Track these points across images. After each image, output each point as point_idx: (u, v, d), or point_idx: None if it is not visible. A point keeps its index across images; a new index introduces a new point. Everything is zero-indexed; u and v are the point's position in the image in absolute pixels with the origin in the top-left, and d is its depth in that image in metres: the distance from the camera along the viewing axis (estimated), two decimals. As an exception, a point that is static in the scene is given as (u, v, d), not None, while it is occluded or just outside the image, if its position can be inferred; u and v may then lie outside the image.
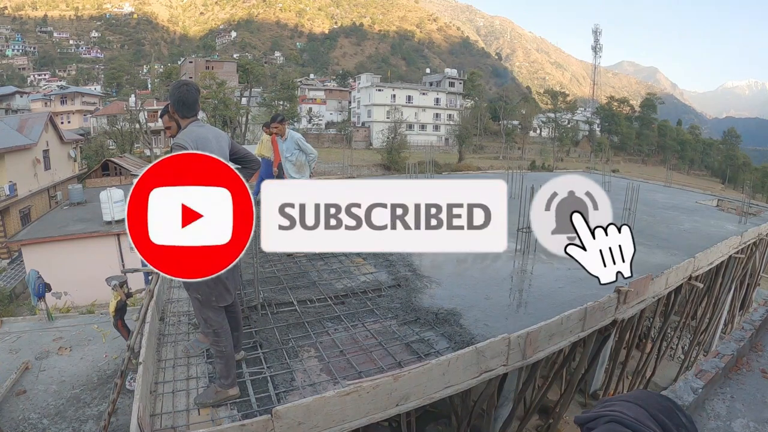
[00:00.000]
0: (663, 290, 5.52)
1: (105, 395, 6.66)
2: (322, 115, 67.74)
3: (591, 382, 7.45)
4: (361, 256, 6.07)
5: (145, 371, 2.95)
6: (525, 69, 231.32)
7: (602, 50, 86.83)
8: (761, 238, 9.16)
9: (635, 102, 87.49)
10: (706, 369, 3.44)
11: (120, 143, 37.96)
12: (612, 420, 0.95)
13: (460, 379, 3.26)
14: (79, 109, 53.17)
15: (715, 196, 13.69)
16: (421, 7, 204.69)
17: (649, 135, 74.32)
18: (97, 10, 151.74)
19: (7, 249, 18.52)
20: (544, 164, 51.97)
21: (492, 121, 66.92)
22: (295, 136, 5.50)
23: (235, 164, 3.09)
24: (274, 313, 4.32)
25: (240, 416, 2.85)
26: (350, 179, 14.16)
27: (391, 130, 46.67)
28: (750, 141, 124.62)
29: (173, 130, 3.15)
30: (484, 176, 16.95)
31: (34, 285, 11.18)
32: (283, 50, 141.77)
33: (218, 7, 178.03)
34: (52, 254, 14.58)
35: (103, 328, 8.93)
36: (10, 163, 19.89)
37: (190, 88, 2.87)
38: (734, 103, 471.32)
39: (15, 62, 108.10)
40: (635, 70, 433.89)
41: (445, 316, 4.26)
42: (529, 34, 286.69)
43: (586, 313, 4.11)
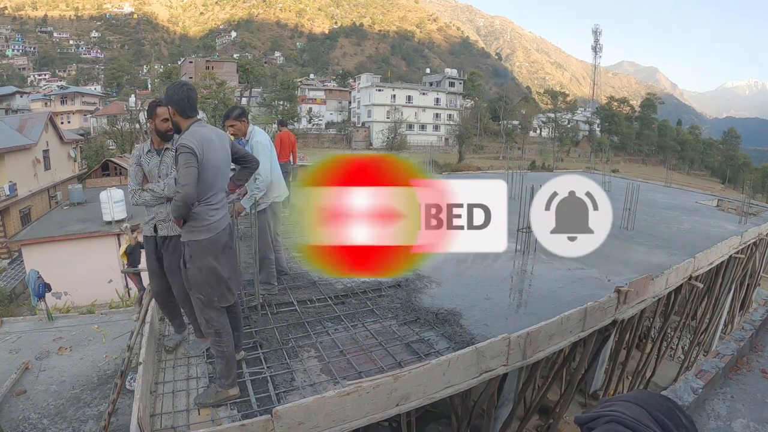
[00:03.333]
0: (663, 290, 5.52)
1: (105, 395, 6.66)
2: (322, 115, 67.75)
3: (591, 382, 7.45)
4: (361, 256, 6.07)
5: (145, 371, 2.95)
6: (525, 69, 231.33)
7: (602, 50, 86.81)
8: (761, 238, 9.16)
9: (635, 102, 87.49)
10: (706, 369, 3.44)
11: (120, 143, 37.97)
12: (612, 420, 0.95)
13: (460, 379, 3.26)
14: (79, 109, 53.19)
15: (715, 196, 13.69)
16: (421, 7, 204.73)
17: (649, 135, 74.33)
18: (97, 10, 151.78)
19: (7, 249, 18.51)
20: (544, 164, 51.97)
21: (492, 121, 66.91)
22: (259, 140, 4.17)
23: (236, 164, 3.10)
24: (274, 313, 4.32)
25: (240, 416, 2.85)
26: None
27: (391, 130, 46.72)
28: (750, 141, 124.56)
29: (168, 131, 3.16)
30: (485, 176, 16.95)
31: (34, 285, 11.18)
32: (283, 50, 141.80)
33: (218, 7, 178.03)
34: (52, 254, 14.57)
35: (103, 328, 8.93)
36: (10, 163, 19.89)
37: (192, 88, 2.88)
38: (734, 103, 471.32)
39: (15, 62, 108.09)
40: (635, 70, 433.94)
41: (445, 316, 4.26)
42: (529, 34, 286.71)
43: (586, 313, 4.11)
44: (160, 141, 3.27)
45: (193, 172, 2.57)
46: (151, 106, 3.22)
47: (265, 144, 4.20)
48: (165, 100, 2.82)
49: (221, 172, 2.81)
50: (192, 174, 2.56)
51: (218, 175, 2.77)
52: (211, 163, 2.69)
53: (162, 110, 3.14)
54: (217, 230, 2.79)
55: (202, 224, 2.74)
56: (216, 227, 2.78)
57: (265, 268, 4.59)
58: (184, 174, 2.56)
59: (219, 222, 2.81)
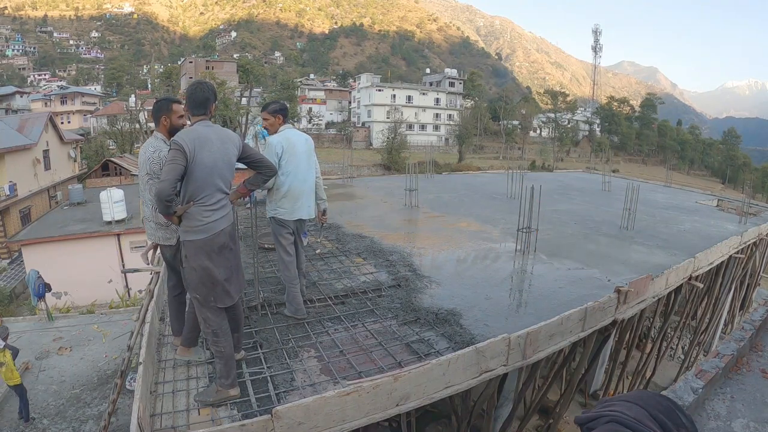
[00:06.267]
0: (663, 290, 5.52)
1: (105, 395, 6.67)
2: (322, 115, 67.79)
3: (591, 382, 7.45)
4: (361, 256, 6.07)
5: (145, 371, 2.95)
6: (525, 69, 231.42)
7: (602, 50, 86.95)
8: (761, 238, 9.16)
9: (635, 102, 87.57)
10: (706, 369, 3.44)
11: (120, 143, 38.00)
12: (612, 420, 0.95)
13: (460, 379, 3.26)
14: (79, 109, 53.24)
15: (715, 196, 13.68)
16: (421, 7, 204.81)
17: (649, 135, 74.39)
18: (97, 10, 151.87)
19: (7, 249, 18.52)
20: (544, 164, 52.00)
21: (492, 121, 66.96)
22: (270, 140, 3.99)
23: (248, 168, 3.08)
24: (274, 313, 4.32)
25: (240, 416, 2.85)
26: (350, 179, 14.07)
27: (391, 130, 46.69)
28: (750, 141, 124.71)
29: (183, 127, 3.20)
30: (484, 176, 16.94)
31: (34, 285, 11.18)
32: (283, 50, 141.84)
33: (218, 7, 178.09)
34: (52, 254, 14.57)
35: (103, 328, 8.94)
36: (10, 163, 19.90)
37: (199, 87, 2.90)
38: (734, 103, 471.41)
39: (15, 62, 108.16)
40: (635, 70, 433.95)
41: (445, 316, 4.25)
42: (529, 34, 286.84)
43: (586, 313, 4.11)
44: (170, 138, 3.29)
45: (174, 168, 2.58)
46: (166, 102, 3.23)
47: (273, 145, 3.88)
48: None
49: (217, 172, 2.76)
50: (173, 170, 2.57)
51: (213, 175, 2.74)
52: (203, 162, 2.68)
53: (177, 107, 3.19)
54: (212, 231, 2.76)
55: (196, 225, 2.73)
56: (211, 228, 2.76)
57: (287, 294, 4.16)
58: (166, 170, 2.60)
59: (215, 223, 2.78)
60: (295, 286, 4.11)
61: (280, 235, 4.02)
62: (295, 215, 3.99)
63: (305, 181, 4.02)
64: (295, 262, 4.14)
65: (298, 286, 4.18)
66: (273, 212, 4.00)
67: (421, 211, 9.22)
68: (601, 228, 8.22)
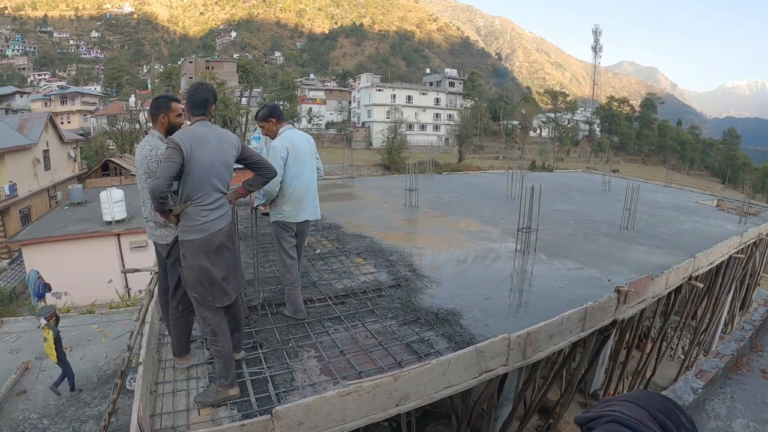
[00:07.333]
0: (663, 290, 5.52)
1: (105, 395, 6.67)
2: (322, 115, 67.80)
3: (591, 382, 7.45)
4: (361, 256, 6.07)
5: (145, 371, 2.95)
6: (525, 69, 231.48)
7: (602, 50, 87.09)
8: (761, 238, 9.16)
9: (635, 102, 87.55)
10: (706, 369, 3.44)
11: (120, 143, 38.00)
12: (612, 420, 0.95)
13: (460, 379, 3.26)
14: (79, 109, 53.23)
15: (715, 196, 13.68)
16: (421, 7, 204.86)
17: (649, 135, 74.39)
18: (97, 10, 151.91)
19: (7, 249, 18.51)
20: (544, 164, 51.99)
21: (492, 121, 67.01)
22: (273, 144, 3.87)
23: (248, 169, 3.08)
24: (274, 313, 4.32)
25: (240, 416, 2.85)
26: (350, 179, 14.05)
27: (391, 130, 46.69)
28: (750, 141, 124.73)
29: (180, 126, 3.19)
30: (484, 176, 16.94)
31: (34, 285, 11.19)
32: (283, 50, 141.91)
33: (218, 7, 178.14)
34: (52, 254, 14.57)
35: (103, 328, 8.94)
36: (10, 163, 19.90)
37: (199, 87, 2.92)
38: (734, 103, 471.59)
39: (15, 62, 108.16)
40: (635, 70, 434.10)
41: (445, 316, 4.25)
42: (529, 34, 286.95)
43: (586, 313, 4.11)
44: (168, 136, 3.28)
45: (170, 166, 2.60)
46: (165, 100, 3.18)
47: (278, 149, 3.75)
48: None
49: (214, 172, 2.77)
50: (168, 168, 2.59)
51: (210, 174, 2.74)
52: (200, 161, 2.69)
53: (176, 105, 3.18)
54: (210, 231, 2.77)
55: (193, 224, 2.74)
56: (209, 228, 2.76)
57: (287, 296, 4.17)
58: (162, 167, 2.62)
59: (213, 223, 2.78)
60: (296, 289, 4.12)
61: (283, 239, 3.99)
62: (300, 217, 3.95)
63: (309, 182, 3.99)
64: (297, 265, 4.13)
65: (300, 288, 4.18)
66: (277, 216, 3.94)
67: (421, 211, 9.22)
68: (601, 228, 8.22)
